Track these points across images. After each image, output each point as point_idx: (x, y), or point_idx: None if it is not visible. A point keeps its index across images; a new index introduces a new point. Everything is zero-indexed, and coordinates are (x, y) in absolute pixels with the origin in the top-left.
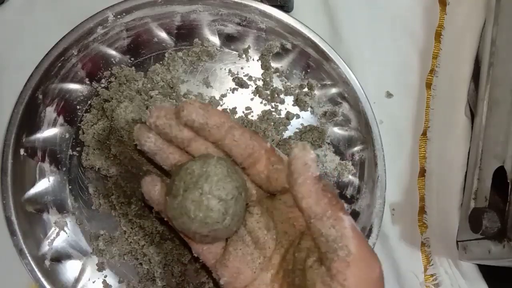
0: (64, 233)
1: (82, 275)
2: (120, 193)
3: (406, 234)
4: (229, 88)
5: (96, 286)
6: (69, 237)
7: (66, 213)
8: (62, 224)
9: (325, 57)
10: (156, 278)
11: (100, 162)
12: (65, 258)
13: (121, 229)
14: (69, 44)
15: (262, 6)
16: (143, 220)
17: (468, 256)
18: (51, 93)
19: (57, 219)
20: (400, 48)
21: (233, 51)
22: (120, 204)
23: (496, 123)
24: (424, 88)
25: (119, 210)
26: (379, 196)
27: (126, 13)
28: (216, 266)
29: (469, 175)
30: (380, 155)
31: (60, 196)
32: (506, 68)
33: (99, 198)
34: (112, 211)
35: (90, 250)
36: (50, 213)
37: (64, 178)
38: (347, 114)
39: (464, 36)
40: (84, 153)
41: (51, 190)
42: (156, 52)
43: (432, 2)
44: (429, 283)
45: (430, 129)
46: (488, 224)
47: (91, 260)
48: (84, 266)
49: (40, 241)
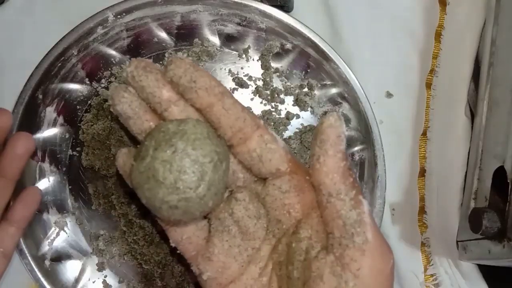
0: (64, 233)
1: (82, 275)
2: (120, 193)
3: (406, 234)
4: (229, 88)
5: (96, 286)
6: (69, 237)
7: (66, 213)
8: (62, 224)
9: (325, 57)
10: (156, 278)
11: (100, 162)
12: (65, 258)
13: (121, 229)
14: (69, 44)
15: (262, 6)
16: (143, 220)
17: (468, 256)
18: (51, 93)
19: (57, 219)
20: (400, 48)
21: (233, 51)
22: (120, 204)
23: (496, 123)
24: (424, 88)
25: (119, 210)
26: (379, 196)
27: (126, 13)
28: (198, 259)
29: (469, 175)
30: (380, 155)
31: (60, 196)
32: (506, 68)
33: (99, 198)
34: (112, 211)
35: (90, 250)
36: (50, 213)
37: (64, 178)
38: (347, 114)
39: (464, 36)
40: (84, 153)
41: (51, 190)
42: (156, 52)
43: (432, 2)
44: (429, 283)
45: (430, 129)
46: (488, 224)
47: (91, 260)
48: (84, 266)
49: (40, 241)
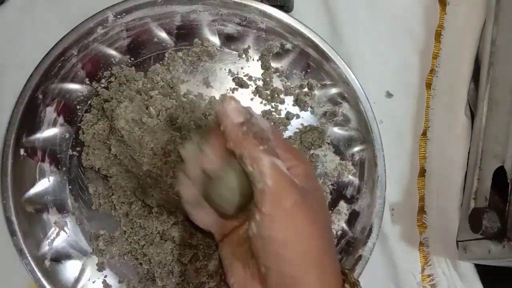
0: (64, 233)
1: (82, 275)
2: (120, 193)
3: (405, 234)
4: (229, 88)
5: (96, 286)
6: (69, 237)
7: (66, 213)
8: (62, 224)
9: (325, 57)
10: (156, 278)
11: (100, 162)
12: (65, 258)
13: (121, 229)
14: (69, 44)
15: (262, 6)
16: (143, 220)
17: (468, 256)
18: (51, 93)
19: (57, 219)
20: (400, 48)
21: (233, 51)
22: (120, 204)
23: (496, 123)
24: (424, 88)
25: (119, 210)
26: (379, 196)
27: (126, 13)
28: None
29: (469, 175)
30: (380, 155)
31: (60, 196)
32: (506, 68)
33: (99, 198)
34: (112, 211)
35: (90, 250)
36: (50, 213)
37: (64, 178)
38: (347, 114)
39: (464, 36)
40: (84, 153)
41: (51, 190)
42: (156, 52)
43: (432, 2)
44: (426, 283)
45: (430, 129)
46: (488, 224)
47: (91, 260)
48: (84, 266)
49: (40, 241)
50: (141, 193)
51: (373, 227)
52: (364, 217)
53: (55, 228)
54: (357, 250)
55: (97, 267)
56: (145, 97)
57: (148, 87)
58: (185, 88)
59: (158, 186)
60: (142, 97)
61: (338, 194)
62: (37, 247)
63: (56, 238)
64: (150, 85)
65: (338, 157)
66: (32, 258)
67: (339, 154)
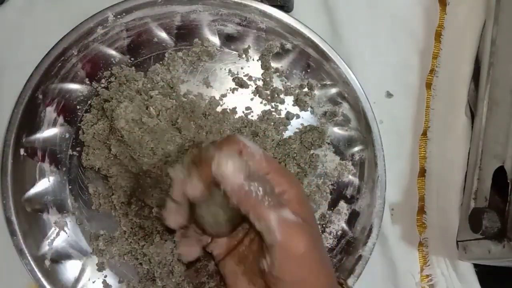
0: (64, 233)
1: (82, 275)
2: (120, 193)
3: (404, 234)
4: (229, 88)
5: (96, 286)
6: (69, 237)
7: (66, 213)
8: (62, 224)
9: (325, 57)
10: (156, 278)
11: (100, 162)
12: (65, 258)
13: (121, 229)
14: (69, 44)
15: (262, 6)
16: (143, 220)
17: (468, 256)
18: (51, 93)
19: (57, 219)
20: (400, 48)
21: (233, 51)
22: (120, 204)
23: (496, 123)
24: (424, 88)
25: (119, 210)
26: (379, 196)
27: (126, 13)
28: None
29: (469, 175)
30: (380, 155)
31: (60, 196)
32: (506, 68)
33: (99, 198)
34: (112, 211)
35: (90, 250)
36: (50, 213)
37: (64, 178)
38: (347, 114)
39: (464, 36)
40: (84, 153)
41: (51, 190)
42: (156, 52)
43: (432, 2)
44: (424, 283)
45: (430, 129)
46: (488, 224)
47: (91, 260)
48: (84, 266)
49: (40, 241)
50: (141, 193)
51: (373, 227)
52: (364, 217)
53: (55, 228)
54: (357, 250)
55: (97, 267)
56: (145, 97)
57: (148, 87)
58: (185, 88)
59: (158, 186)
60: (142, 97)
61: (338, 194)
62: (37, 247)
63: (56, 238)
64: (150, 85)
65: (338, 157)
66: (32, 258)
67: (339, 154)
